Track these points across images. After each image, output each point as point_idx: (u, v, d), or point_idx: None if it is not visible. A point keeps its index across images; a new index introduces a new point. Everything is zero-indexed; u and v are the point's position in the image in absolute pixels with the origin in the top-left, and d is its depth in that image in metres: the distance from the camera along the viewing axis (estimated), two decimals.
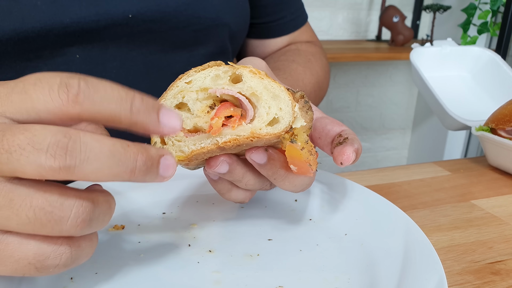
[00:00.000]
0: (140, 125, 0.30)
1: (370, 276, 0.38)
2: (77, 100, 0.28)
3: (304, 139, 0.36)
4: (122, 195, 0.50)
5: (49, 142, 0.26)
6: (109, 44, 0.59)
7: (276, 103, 0.35)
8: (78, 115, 0.28)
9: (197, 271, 0.39)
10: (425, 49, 1.02)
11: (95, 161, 0.27)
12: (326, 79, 0.84)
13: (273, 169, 0.38)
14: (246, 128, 0.35)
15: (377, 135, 2.81)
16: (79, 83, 0.28)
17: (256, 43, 0.84)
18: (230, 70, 0.36)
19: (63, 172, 0.27)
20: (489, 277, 0.44)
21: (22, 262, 0.29)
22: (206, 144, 0.36)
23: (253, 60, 0.45)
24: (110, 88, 0.29)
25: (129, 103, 0.30)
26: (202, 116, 0.37)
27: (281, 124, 0.35)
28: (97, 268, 0.39)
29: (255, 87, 0.35)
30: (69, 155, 0.27)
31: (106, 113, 0.29)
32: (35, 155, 0.26)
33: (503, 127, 0.71)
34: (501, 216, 0.57)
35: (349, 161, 0.40)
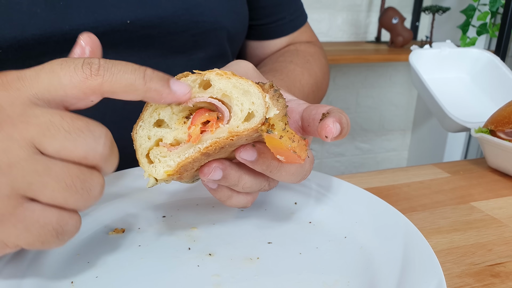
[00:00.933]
0: (154, 91, 0.35)
1: (369, 279, 0.38)
2: (99, 72, 0.33)
3: (280, 127, 0.36)
4: (122, 199, 0.51)
5: (103, 133, 0.33)
6: (108, 50, 0.59)
7: (247, 98, 0.36)
8: (100, 85, 0.33)
9: (197, 274, 0.39)
10: (424, 51, 1.02)
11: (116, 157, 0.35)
12: (325, 79, 0.84)
13: (265, 163, 0.39)
14: (224, 129, 0.36)
15: (377, 136, 2.81)
16: (99, 61, 0.33)
17: (256, 45, 0.84)
18: (198, 77, 0.37)
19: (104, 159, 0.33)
20: (488, 279, 0.44)
21: (46, 228, 0.32)
22: (189, 153, 0.37)
23: (240, 63, 0.45)
24: (125, 63, 0.34)
25: (143, 73, 0.34)
26: (180, 127, 0.37)
27: (257, 118, 0.35)
28: (98, 272, 0.39)
29: (224, 87, 0.36)
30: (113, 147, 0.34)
31: (123, 82, 0.33)
32: (92, 140, 0.32)
33: (502, 129, 0.71)
34: (501, 218, 0.57)
35: (333, 133, 0.39)
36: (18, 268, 0.38)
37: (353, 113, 2.67)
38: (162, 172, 0.37)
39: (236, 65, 0.45)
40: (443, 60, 1.02)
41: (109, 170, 0.35)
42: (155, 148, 0.38)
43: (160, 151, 0.37)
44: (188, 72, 0.37)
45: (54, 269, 0.39)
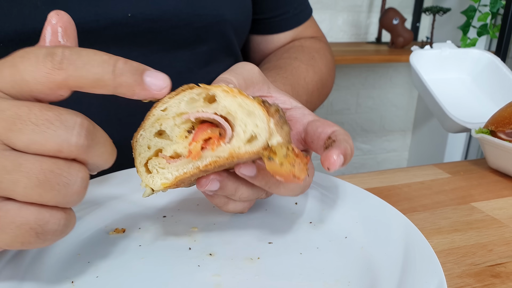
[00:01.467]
0: (125, 87, 0.32)
1: (370, 279, 0.38)
2: (61, 66, 0.30)
3: (282, 153, 0.35)
4: (122, 199, 0.51)
5: (76, 122, 0.30)
6: (110, 44, 0.59)
7: (251, 120, 0.35)
8: (64, 81, 0.30)
9: (198, 274, 0.39)
10: (425, 51, 1.02)
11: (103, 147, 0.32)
12: (331, 76, 0.83)
13: (265, 179, 0.39)
14: (225, 148, 0.36)
15: (378, 137, 2.81)
16: (63, 51, 0.30)
17: (259, 39, 0.83)
18: (204, 91, 0.36)
19: (83, 151, 0.30)
20: (489, 280, 0.44)
21: (23, 228, 0.30)
22: (188, 169, 0.36)
23: (245, 66, 0.44)
24: (93, 53, 0.31)
25: (112, 65, 0.31)
26: (181, 141, 0.37)
27: (259, 141, 0.35)
28: (98, 272, 0.39)
29: (229, 106, 0.35)
30: (91, 136, 0.31)
31: (90, 77, 0.31)
32: (63, 131, 0.29)
33: (503, 129, 0.71)
34: (501, 219, 0.57)
35: (336, 166, 0.38)
36: (18, 268, 0.38)
37: (353, 114, 2.67)
38: (159, 184, 0.37)
39: (241, 68, 0.44)
40: (443, 60, 1.02)
41: (97, 162, 0.32)
42: (154, 158, 0.37)
43: (159, 162, 0.37)
44: (193, 84, 0.36)
45: (55, 269, 0.39)
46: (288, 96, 0.49)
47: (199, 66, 0.69)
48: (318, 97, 0.78)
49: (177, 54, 0.66)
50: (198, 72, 0.69)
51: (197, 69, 0.69)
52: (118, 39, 0.60)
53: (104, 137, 0.33)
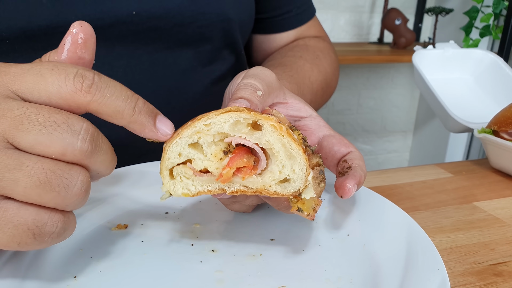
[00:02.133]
0: (139, 124, 0.34)
1: (372, 277, 0.38)
2: (90, 90, 0.31)
3: (311, 206, 0.36)
4: (125, 195, 0.51)
5: (83, 127, 0.31)
6: (115, 42, 0.59)
7: (290, 163, 0.36)
8: (87, 104, 0.31)
9: (200, 271, 0.39)
10: (428, 51, 1.02)
11: (105, 154, 0.33)
12: (335, 75, 0.83)
13: (277, 202, 0.40)
14: (256, 181, 0.36)
15: (379, 137, 2.81)
16: (94, 76, 0.32)
17: (262, 38, 0.83)
18: (251, 118, 0.35)
19: (86, 155, 0.31)
20: (491, 278, 0.44)
21: (21, 228, 0.30)
22: (213, 188, 0.37)
23: (265, 71, 0.44)
24: (120, 87, 0.33)
25: (134, 103, 0.33)
26: (215, 161, 0.37)
27: (291, 187, 0.36)
28: (101, 267, 0.39)
29: (274, 143, 0.35)
30: (95, 142, 0.31)
31: (112, 107, 0.32)
32: (68, 134, 0.30)
33: (506, 129, 0.71)
34: (503, 218, 0.57)
35: (349, 195, 0.40)
36: (20, 263, 0.38)
37: (354, 114, 2.67)
38: (180, 193, 0.37)
39: (262, 73, 0.43)
40: (446, 60, 1.02)
41: (99, 168, 0.33)
42: (181, 166, 0.37)
43: (186, 172, 0.37)
44: (243, 108, 0.35)
45: (57, 264, 0.39)
46: (303, 103, 0.49)
47: (203, 64, 0.69)
48: (322, 97, 0.78)
49: (181, 52, 0.66)
50: (201, 70, 0.69)
51: (201, 67, 0.69)
52: (123, 37, 0.60)
53: (107, 144, 0.33)
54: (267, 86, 0.42)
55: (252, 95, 0.39)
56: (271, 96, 0.44)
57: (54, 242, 0.32)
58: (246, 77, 0.42)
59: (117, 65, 0.61)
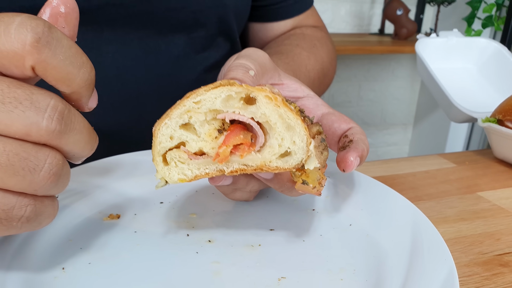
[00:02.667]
0: (80, 96, 0.30)
1: (376, 268, 0.37)
2: (37, 46, 0.26)
3: (316, 177, 0.34)
4: (117, 184, 0.49)
5: (49, 104, 0.27)
6: (104, 27, 0.57)
7: (290, 135, 0.33)
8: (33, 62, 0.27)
9: (196, 262, 0.38)
10: (431, 39, 0.99)
11: (79, 133, 0.29)
12: (332, 66, 0.81)
13: (280, 183, 0.37)
14: (255, 158, 0.34)
15: (379, 130, 2.79)
16: (43, 28, 0.26)
17: (258, 27, 0.81)
18: (244, 91, 0.33)
19: (54, 136, 0.27)
20: (497, 269, 0.43)
21: None
22: (211, 170, 0.35)
23: (257, 52, 0.42)
24: (76, 49, 0.28)
25: (88, 73, 0.29)
26: (209, 141, 0.35)
27: (293, 160, 0.33)
28: (91, 258, 0.37)
29: (270, 115, 0.33)
30: (65, 121, 0.28)
31: (63, 73, 0.28)
32: (32, 112, 0.26)
33: (511, 118, 0.69)
34: (508, 208, 0.55)
35: (352, 168, 0.38)
36: (5, 253, 0.36)
37: (354, 107, 2.65)
38: (176, 179, 0.35)
39: (255, 54, 0.41)
40: (449, 49, 1.00)
41: (72, 149, 0.29)
42: (174, 150, 0.35)
43: (180, 156, 0.35)
44: (234, 81, 0.33)
45: (45, 254, 0.37)
46: (300, 83, 0.47)
47: (196, 51, 0.67)
48: (319, 86, 0.76)
49: (173, 38, 0.64)
50: (195, 57, 0.67)
51: (194, 54, 0.67)
52: (112, 21, 0.57)
53: (81, 123, 0.30)
54: (260, 66, 0.40)
55: (244, 76, 0.37)
56: (264, 77, 0.42)
57: (26, 228, 0.30)
58: (238, 58, 0.40)
59: (105, 51, 0.58)
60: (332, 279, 0.36)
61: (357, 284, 0.35)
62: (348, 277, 0.36)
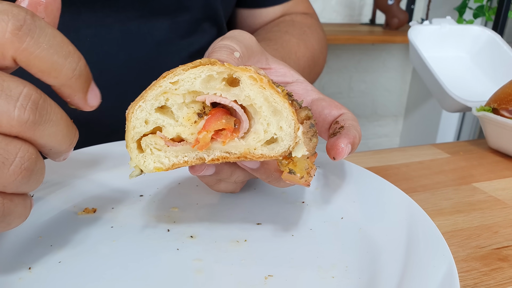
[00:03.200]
0: (72, 89, 0.28)
1: (370, 264, 0.34)
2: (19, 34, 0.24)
3: (304, 166, 0.32)
4: (93, 176, 0.46)
5: (22, 92, 0.25)
6: (81, 8, 0.54)
7: (276, 120, 0.31)
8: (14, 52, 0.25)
9: (177, 259, 0.35)
10: (424, 27, 0.97)
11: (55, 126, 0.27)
12: (323, 53, 0.78)
13: (266, 173, 0.35)
14: (238, 145, 0.31)
15: (369, 122, 2.78)
16: (26, 16, 0.25)
17: (246, 13, 0.78)
18: (226, 71, 0.30)
19: (27, 127, 0.25)
20: (496, 263, 0.41)
21: None
22: (190, 158, 0.32)
23: (243, 34, 0.40)
24: (61, 37, 0.26)
25: (76, 63, 0.27)
26: (188, 126, 0.32)
27: (280, 147, 0.31)
28: (61, 256, 0.34)
29: (254, 98, 0.30)
30: (39, 111, 0.26)
31: (47, 63, 0.26)
32: (3, 100, 0.24)
33: (506, 106, 0.67)
34: (505, 200, 0.53)
35: (343, 155, 0.35)
36: None
37: (345, 98, 2.63)
38: (151, 167, 0.32)
39: (240, 36, 0.39)
40: (443, 37, 0.98)
41: (50, 143, 0.27)
42: (150, 136, 0.32)
43: (156, 142, 0.32)
44: (215, 60, 0.30)
45: (10, 253, 0.34)
46: (289, 68, 0.44)
47: (180, 36, 0.64)
48: (309, 75, 0.74)
49: (156, 21, 0.60)
50: (179, 42, 0.64)
51: (179, 39, 0.63)
52: (90, 2, 0.54)
53: (58, 114, 0.27)
54: (246, 48, 0.37)
55: (228, 57, 0.34)
56: (251, 60, 0.39)
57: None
58: (223, 39, 0.37)
59: (83, 34, 0.55)
60: (323, 276, 0.33)
61: (350, 281, 0.33)
62: (340, 275, 0.33)
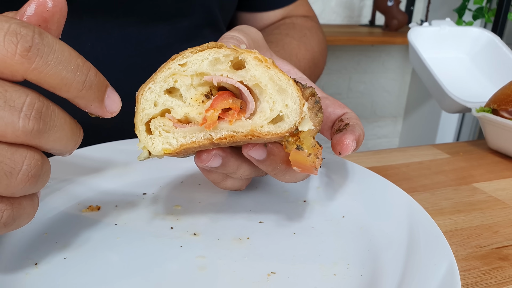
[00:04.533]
0: (86, 100, 0.28)
1: (371, 262, 0.35)
2: (28, 55, 0.25)
3: (311, 143, 0.32)
4: (98, 174, 0.46)
5: (25, 102, 0.25)
6: (83, 15, 0.54)
7: (282, 98, 0.31)
8: (24, 72, 0.25)
9: (180, 256, 0.35)
10: (424, 28, 0.98)
11: (60, 131, 0.27)
12: (323, 56, 0.79)
13: (273, 165, 0.35)
14: (245, 124, 0.31)
15: (369, 122, 2.79)
16: (34, 35, 0.25)
17: (248, 17, 0.79)
18: (232, 54, 0.31)
19: (32, 136, 0.25)
20: (497, 262, 0.41)
21: None
22: (198, 138, 0.32)
23: (250, 29, 0.40)
24: (68, 52, 0.26)
25: (85, 75, 0.27)
26: (196, 106, 0.32)
27: (286, 124, 0.31)
28: (67, 253, 0.35)
29: (260, 77, 0.31)
30: (43, 119, 0.26)
31: (57, 79, 0.26)
32: (7, 112, 0.24)
33: (506, 107, 0.68)
34: (505, 200, 0.54)
35: (348, 151, 0.36)
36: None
37: (345, 99, 2.64)
38: (159, 148, 0.32)
39: (247, 29, 0.39)
40: (442, 38, 0.98)
41: (55, 147, 0.27)
42: (159, 118, 0.32)
43: (164, 124, 0.32)
44: (222, 43, 0.31)
45: (16, 249, 0.35)
46: (291, 66, 0.45)
47: (180, 42, 0.64)
48: (309, 76, 0.74)
49: (156, 28, 0.61)
50: (179, 47, 0.64)
51: (178, 44, 0.64)
52: (92, 9, 0.54)
53: (62, 118, 0.27)
54: (253, 41, 0.38)
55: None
56: None
57: (2, 232, 0.27)
58: (231, 30, 0.38)
59: (84, 40, 0.55)
60: (324, 274, 0.33)
61: (352, 279, 0.33)
62: (341, 272, 0.34)
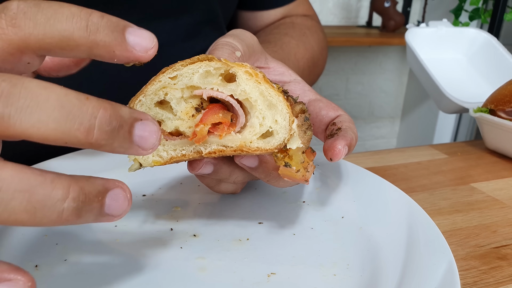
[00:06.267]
0: (103, 47, 0.25)
1: (371, 262, 0.35)
2: (16, 22, 0.23)
3: (299, 159, 0.32)
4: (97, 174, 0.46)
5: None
6: None
7: (271, 113, 0.31)
8: (22, 42, 0.23)
9: (180, 257, 0.35)
10: (421, 29, 0.98)
11: (37, 111, 0.21)
12: (323, 55, 0.79)
13: (265, 172, 0.35)
14: (235, 138, 0.32)
15: (366, 123, 2.79)
16: (18, 4, 0.23)
17: (248, 16, 0.79)
18: (223, 67, 0.31)
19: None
20: (495, 262, 0.41)
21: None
22: (187, 152, 0.32)
23: (245, 33, 0.40)
24: (58, 5, 0.24)
25: (85, 20, 0.25)
26: (186, 119, 0.33)
27: (275, 140, 0.31)
28: (67, 255, 0.35)
29: (250, 92, 0.31)
30: (4, 100, 0.21)
31: (56, 36, 0.24)
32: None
33: (503, 108, 0.68)
34: (503, 199, 0.54)
35: (339, 157, 0.36)
36: None
37: (342, 100, 2.64)
38: (150, 161, 0.33)
39: (242, 34, 0.39)
40: (439, 39, 0.99)
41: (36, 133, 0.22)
42: None
43: None
44: (213, 56, 0.31)
45: (17, 251, 0.35)
46: (286, 68, 0.45)
47: (182, 39, 0.64)
48: (308, 76, 0.74)
49: (158, 24, 0.61)
50: (181, 45, 0.64)
51: (180, 42, 0.64)
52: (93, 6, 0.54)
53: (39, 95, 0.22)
54: (247, 47, 0.38)
55: (230, 56, 0.34)
56: (251, 59, 0.39)
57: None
58: (225, 36, 0.37)
59: None
60: (324, 274, 0.34)
61: (351, 279, 0.33)
62: (341, 272, 0.34)
